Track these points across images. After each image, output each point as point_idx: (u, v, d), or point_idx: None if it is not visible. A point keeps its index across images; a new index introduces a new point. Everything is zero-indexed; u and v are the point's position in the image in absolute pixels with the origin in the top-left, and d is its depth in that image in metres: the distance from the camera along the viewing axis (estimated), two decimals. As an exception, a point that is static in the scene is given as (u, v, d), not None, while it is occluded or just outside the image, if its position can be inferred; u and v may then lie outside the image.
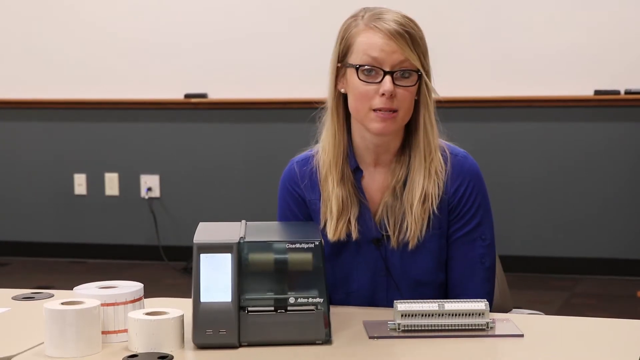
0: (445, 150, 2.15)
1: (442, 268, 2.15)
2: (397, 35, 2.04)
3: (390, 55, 2.04)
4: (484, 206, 2.15)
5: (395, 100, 2.05)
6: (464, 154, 2.17)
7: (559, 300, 4.89)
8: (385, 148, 2.14)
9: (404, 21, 2.07)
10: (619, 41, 5.19)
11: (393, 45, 2.04)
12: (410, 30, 2.06)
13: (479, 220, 2.14)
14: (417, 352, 1.79)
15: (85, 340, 1.76)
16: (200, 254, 1.81)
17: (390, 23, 2.05)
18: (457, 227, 2.14)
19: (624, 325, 1.97)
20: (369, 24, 2.07)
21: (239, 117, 5.69)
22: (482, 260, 2.14)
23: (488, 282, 2.15)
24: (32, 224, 6.03)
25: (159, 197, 5.86)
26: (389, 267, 2.14)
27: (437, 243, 2.13)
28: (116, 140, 5.89)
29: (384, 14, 2.08)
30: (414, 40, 2.05)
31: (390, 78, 2.04)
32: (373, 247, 2.15)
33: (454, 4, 5.33)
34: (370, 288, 2.16)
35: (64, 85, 5.87)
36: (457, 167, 2.14)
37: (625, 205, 5.27)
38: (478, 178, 2.16)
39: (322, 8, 5.47)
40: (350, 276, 2.17)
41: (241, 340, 1.79)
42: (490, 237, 2.16)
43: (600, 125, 5.26)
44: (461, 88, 5.21)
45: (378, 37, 2.05)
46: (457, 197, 2.13)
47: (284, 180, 2.22)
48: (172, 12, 5.72)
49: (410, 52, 2.04)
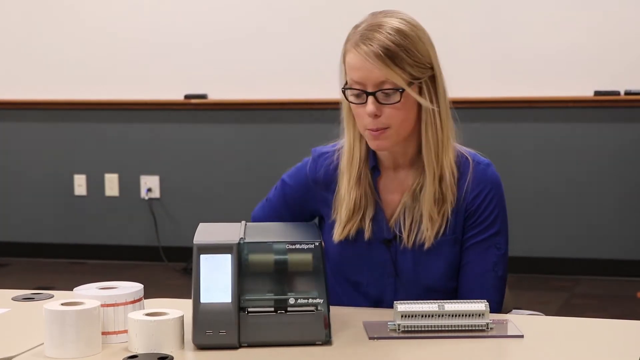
0: (468, 158, 2.16)
1: (453, 276, 2.15)
2: (374, 57, 2.01)
3: (370, 77, 2.03)
4: (502, 216, 2.16)
5: (384, 118, 2.05)
6: (487, 162, 2.18)
7: (559, 300, 4.89)
8: (401, 153, 2.15)
9: (388, 37, 2.02)
10: (619, 42, 5.19)
11: (371, 67, 2.02)
12: (391, 46, 2.02)
13: (497, 230, 2.14)
14: (417, 353, 1.79)
15: (85, 341, 1.76)
16: (200, 255, 1.81)
17: (372, 43, 2.02)
18: (474, 234, 2.14)
19: (624, 326, 1.97)
20: (354, 43, 2.05)
21: (239, 118, 5.69)
22: (495, 268, 2.14)
23: (499, 291, 2.15)
24: (32, 225, 6.04)
25: (159, 197, 5.87)
26: (398, 270, 2.15)
27: (450, 249, 2.13)
28: (116, 140, 5.89)
29: (373, 30, 2.04)
30: (395, 56, 2.02)
31: (373, 99, 2.04)
32: (384, 248, 2.15)
33: (453, 4, 5.34)
34: (377, 288, 2.17)
35: (64, 85, 5.87)
36: (479, 175, 2.14)
37: (625, 206, 5.27)
38: (499, 188, 2.16)
39: (322, 9, 5.48)
40: (359, 274, 2.17)
41: (241, 341, 1.79)
42: (505, 248, 2.16)
43: (600, 126, 5.26)
44: (460, 88, 5.18)
45: (358, 59, 2.04)
46: (476, 204, 2.13)
47: (309, 171, 2.24)
48: (172, 13, 5.72)
49: (390, 70, 2.01)
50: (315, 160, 2.23)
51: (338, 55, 2.13)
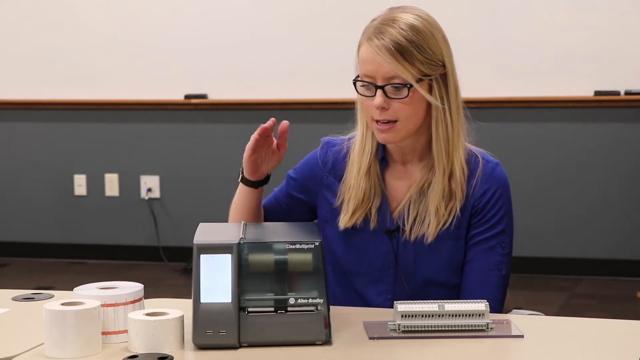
0: (477, 156, 2.18)
1: (454, 270, 2.15)
2: (384, 51, 2.04)
3: (379, 71, 2.06)
4: (508, 215, 2.16)
5: (392, 111, 2.07)
6: (496, 161, 2.20)
7: (559, 300, 4.89)
8: (410, 148, 2.16)
9: (401, 32, 2.05)
10: (619, 42, 5.19)
11: (381, 61, 2.05)
12: (403, 42, 2.04)
13: (502, 228, 2.15)
14: (417, 353, 1.79)
15: (85, 341, 1.76)
16: (200, 255, 1.81)
17: (384, 37, 2.05)
18: (479, 231, 2.14)
19: (624, 326, 1.97)
20: (368, 36, 2.08)
21: (239, 118, 5.69)
22: (499, 267, 2.14)
23: (501, 290, 2.15)
24: (32, 225, 6.03)
25: (159, 197, 5.87)
26: (399, 261, 2.15)
27: (452, 244, 2.14)
28: (116, 140, 5.89)
29: (386, 25, 2.07)
30: (406, 52, 2.04)
31: (382, 92, 2.06)
32: (386, 238, 2.16)
33: (454, 4, 5.33)
34: (377, 278, 2.17)
35: (64, 86, 5.87)
36: (488, 173, 2.16)
37: (626, 206, 5.27)
38: (506, 187, 2.17)
39: (323, 9, 5.47)
40: (360, 261, 2.18)
41: (241, 341, 1.79)
42: (510, 247, 2.17)
43: (600, 126, 5.26)
44: (460, 89, 5.20)
45: (369, 52, 2.07)
46: (483, 201, 2.14)
47: (319, 154, 2.26)
48: (172, 14, 5.72)
49: (399, 66, 2.04)
50: (324, 147, 2.26)
51: (338, 56, 2.15)
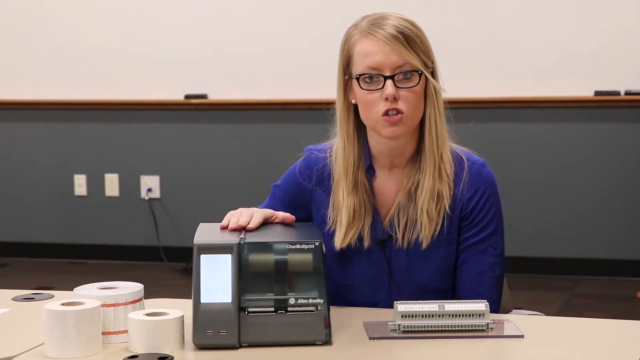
0: (462, 157, 2.15)
1: (447, 275, 2.15)
2: (392, 39, 2.04)
3: (388, 60, 2.05)
4: (497, 216, 2.16)
5: (400, 102, 2.05)
6: (482, 162, 2.18)
7: (559, 300, 4.89)
8: (400, 152, 2.14)
9: (400, 23, 2.06)
10: (619, 42, 5.19)
11: (390, 50, 2.04)
12: (406, 31, 2.05)
13: (493, 229, 2.14)
14: (418, 353, 1.79)
15: (85, 341, 1.76)
16: (201, 255, 1.81)
17: (385, 27, 2.05)
18: (470, 235, 2.14)
19: (624, 326, 1.97)
20: (365, 31, 2.07)
21: (239, 118, 5.69)
22: (493, 268, 2.14)
23: (496, 291, 2.15)
24: (33, 225, 6.03)
25: (159, 197, 5.86)
26: (392, 270, 2.15)
27: (444, 249, 2.13)
28: (116, 141, 5.89)
29: (381, 19, 2.08)
30: (410, 40, 2.05)
31: (392, 82, 2.05)
32: (378, 248, 2.15)
33: (454, 5, 5.33)
34: (372, 288, 2.16)
35: (64, 86, 5.87)
36: (474, 175, 2.14)
37: (626, 206, 5.27)
38: (494, 187, 2.16)
39: (323, 9, 5.48)
40: (353, 274, 2.17)
41: (241, 341, 1.79)
42: (502, 247, 2.16)
43: (600, 126, 5.26)
44: (461, 89, 5.21)
45: (374, 43, 2.05)
46: (471, 205, 2.13)
47: (299, 169, 2.24)
48: (172, 13, 5.72)
49: (408, 53, 2.04)
50: (306, 160, 2.24)
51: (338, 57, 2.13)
